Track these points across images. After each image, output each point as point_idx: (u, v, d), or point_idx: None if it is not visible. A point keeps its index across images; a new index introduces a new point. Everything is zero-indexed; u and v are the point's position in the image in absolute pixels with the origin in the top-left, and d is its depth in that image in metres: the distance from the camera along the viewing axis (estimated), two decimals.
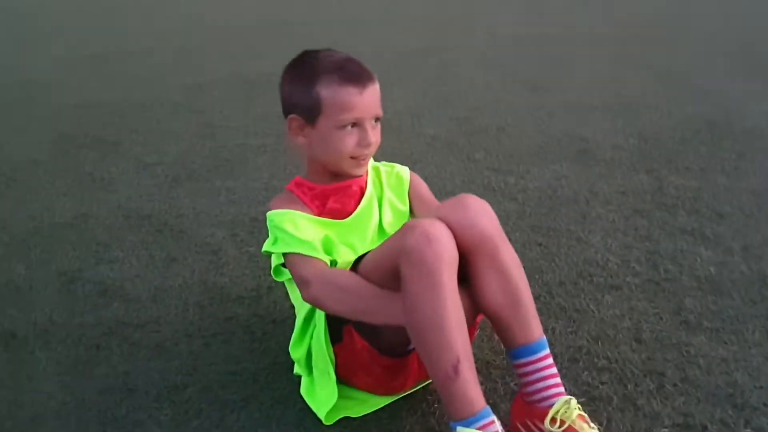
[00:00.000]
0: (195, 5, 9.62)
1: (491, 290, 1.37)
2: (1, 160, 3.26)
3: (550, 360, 1.39)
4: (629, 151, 3.01)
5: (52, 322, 1.91)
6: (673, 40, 5.42)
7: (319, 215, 1.54)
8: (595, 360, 1.64)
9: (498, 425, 1.26)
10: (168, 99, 4.26)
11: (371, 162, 1.63)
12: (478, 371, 1.31)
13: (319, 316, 1.51)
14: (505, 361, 1.62)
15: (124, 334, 1.84)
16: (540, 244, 2.22)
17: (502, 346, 1.45)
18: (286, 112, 1.54)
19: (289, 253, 1.48)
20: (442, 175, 2.82)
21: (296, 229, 1.48)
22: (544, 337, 1.40)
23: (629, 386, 1.54)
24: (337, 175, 1.56)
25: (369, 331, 1.43)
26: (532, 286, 1.44)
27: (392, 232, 1.50)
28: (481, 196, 1.42)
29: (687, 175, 2.72)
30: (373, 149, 1.52)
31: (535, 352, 1.37)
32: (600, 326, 1.77)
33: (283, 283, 1.64)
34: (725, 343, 1.68)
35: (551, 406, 1.33)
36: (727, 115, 3.41)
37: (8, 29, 7.86)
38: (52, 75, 5.12)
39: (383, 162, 1.69)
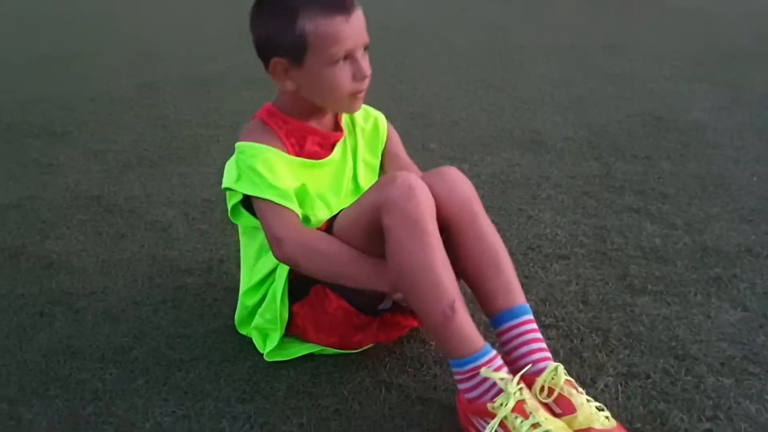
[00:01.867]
0: (145, 9, 9.55)
1: (472, 255, 1.36)
2: None
3: (535, 325, 1.35)
4: (579, 142, 3.07)
5: None
6: (619, 46, 5.57)
7: (296, 156, 1.44)
8: (543, 318, 1.66)
9: (501, 360, 1.25)
10: (119, 95, 4.20)
11: None
12: None
13: (281, 272, 1.47)
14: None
15: (68, 302, 1.80)
16: (492, 221, 2.25)
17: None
18: (266, 55, 1.39)
19: (259, 199, 1.37)
20: None
21: (270, 171, 1.37)
22: (527, 304, 1.37)
23: (575, 341, 1.57)
24: (319, 111, 1.46)
25: (347, 289, 1.40)
26: None
27: (366, 187, 1.47)
28: None
29: (634, 161, 2.79)
30: (368, 81, 1.41)
31: (517, 315, 1.35)
32: (548, 290, 1.80)
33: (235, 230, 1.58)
34: (668, 303, 1.72)
35: (537, 372, 1.27)
36: (672, 111, 3.51)
37: None
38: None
39: None
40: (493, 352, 1.26)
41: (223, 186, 1.44)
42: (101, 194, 2.55)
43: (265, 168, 1.37)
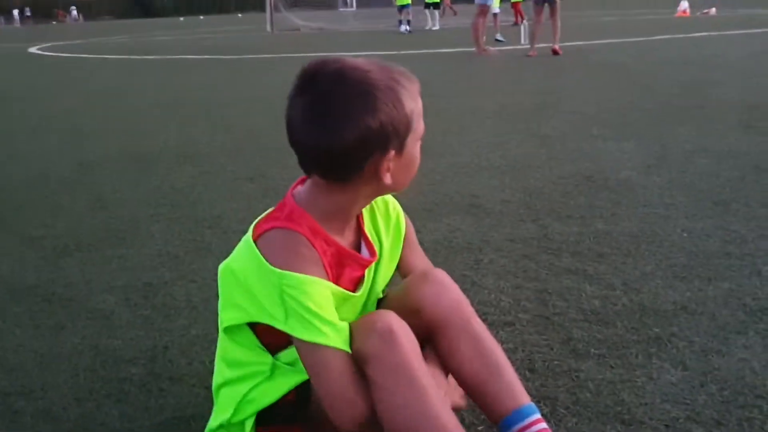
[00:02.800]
0: (77, 85, 9.50)
1: (468, 359, 1.30)
2: None
3: (545, 424, 1.28)
4: (516, 204, 3.16)
5: None
6: (549, 105, 5.79)
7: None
8: None
9: None
10: (56, 176, 4.15)
11: None
12: None
13: (250, 406, 1.32)
14: None
15: (6, 403, 1.73)
16: None
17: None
18: (370, 151, 1.17)
19: (318, 345, 1.19)
20: None
21: (328, 311, 1.20)
22: (533, 403, 1.30)
23: None
24: (350, 218, 1.30)
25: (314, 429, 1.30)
26: None
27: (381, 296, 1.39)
28: None
29: (569, 222, 2.87)
30: None
31: (527, 415, 1.27)
32: None
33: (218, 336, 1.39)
34: (612, 366, 1.76)
35: None
36: (602, 171, 3.65)
37: None
38: None
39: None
40: None
41: (275, 324, 1.21)
42: (38, 283, 2.48)
43: (324, 310, 1.20)
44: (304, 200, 1.27)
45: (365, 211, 1.36)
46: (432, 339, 1.32)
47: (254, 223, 1.30)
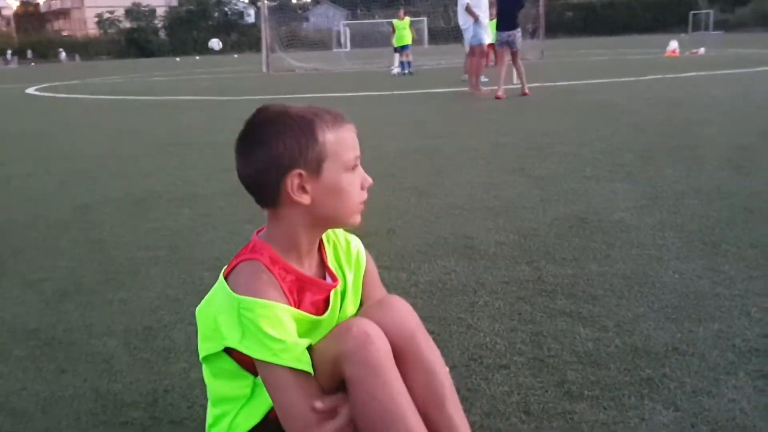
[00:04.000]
0: (74, 128, 9.59)
1: (415, 388, 1.36)
2: None
3: None
4: (510, 246, 3.21)
5: None
6: (541, 146, 5.88)
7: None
8: None
9: None
10: (55, 218, 4.19)
11: (324, 235, 1.50)
12: None
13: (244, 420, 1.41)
14: None
15: None
16: (432, 332, 2.27)
17: None
18: (278, 173, 1.33)
19: (270, 364, 1.30)
20: None
21: (283, 332, 1.30)
22: None
23: None
24: (314, 244, 1.43)
25: None
26: None
27: None
28: None
29: (563, 264, 2.92)
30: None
31: None
32: (491, 402, 1.85)
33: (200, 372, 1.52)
34: (605, 408, 1.79)
35: None
36: (596, 212, 3.71)
37: None
38: None
39: (333, 232, 1.53)
40: None
41: (226, 344, 1.34)
42: (39, 327, 2.51)
43: (279, 330, 1.30)
44: (264, 235, 1.43)
45: (328, 248, 1.50)
46: None
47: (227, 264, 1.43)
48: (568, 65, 19.24)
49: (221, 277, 1.40)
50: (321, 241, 1.48)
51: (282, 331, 1.30)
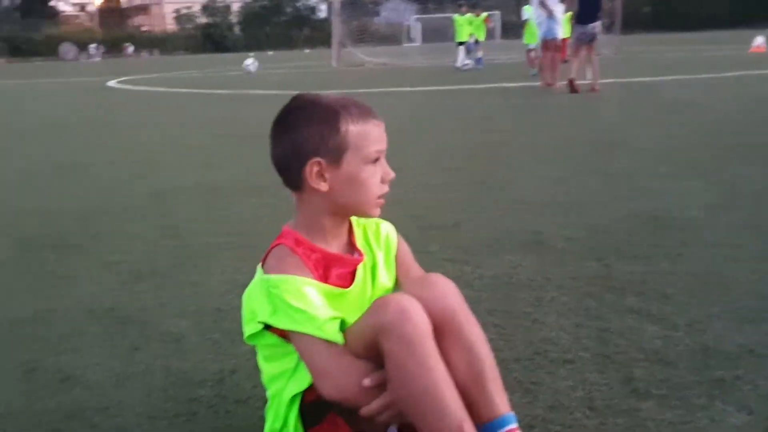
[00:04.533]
0: (153, 119, 9.90)
1: (456, 366, 1.36)
2: None
3: None
4: (580, 242, 3.15)
5: (9, 411, 1.89)
6: (616, 143, 5.75)
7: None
8: (550, 426, 1.68)
9: None
10: (131, 205, 4.34)
11: (356, 220, 1.56)
12: None
13: (295, 400, 1.45)
14: None
15: (84, 418, 1.83)
16: (497, 325, 2.30)
17: None
18: (300, 159, 1.41)
19: (300, 333, 1.37)
20: None
21: (307, 304, 1.37)
22: (513, 413, 1.39)
23: None
24: (340, 228, 1.50)
25: (354, 417, 1.39)
26: None
27: None
28: None
29: (634, 262, 2.85)
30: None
31: (500, 426, 1.36)
32: (555, 396, 1.83)
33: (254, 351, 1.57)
34: (672, 407, 1.74)
35: None
36: (669, 210, 3.60)
37: None
38: (16, 183, 5.18)
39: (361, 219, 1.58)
40: None
41: (259, 320, 1.42)
42: (114, 306, 2.61)
43: (302, 302, 1.37)
44: (292, 222, 1.51)
45: (357, 231, 1.55)
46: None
47: None
48: (644, 61, 18.71)
49: (259, 265, 1.50)
50: (351, 225, 1.54)
51: (305, 302, 1.37)
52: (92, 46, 61.04)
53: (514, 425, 1.37)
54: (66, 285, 2.88)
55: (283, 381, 1.48)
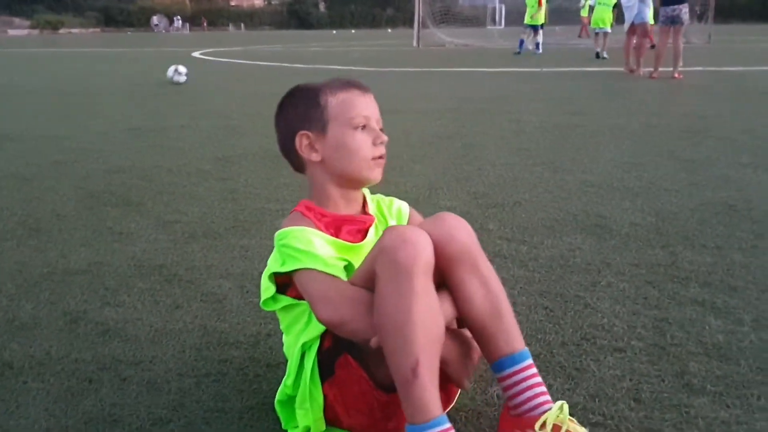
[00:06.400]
0: (229, 87, 10.03)
1: (475, 298, 1.39)
2: (28, 212, 3.37)
3: (535, 370, 1.39)
4: (646, 228, 2.98)
5: (49, 357, 1.92)
6: (697, 130, 5.45)
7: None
8: (590, 416, 1.57)
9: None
10: (196, 167, 4.39)
11: (370, 195, 1.65)
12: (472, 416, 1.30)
13: (309, 353, 1.48)
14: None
15: (117, 370, 1.83)
16: (546, 308, 2.19)
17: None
18: (291, 134, 1.54)
19: (301, 271, 1.40)
20: None
21: (308, 245, 1.42)
22: (527, 349, 1.41)
23: None
24: (349, 197, 1.56)
25: (366, 358, 1.40)
26: (532, 345, 1.52)
27: None
28: (491, 262, 1.46)
29: (703, 251, 2.67)
30: (385, 149, 1.54)
31: (519, 361, 1.39)
32: (599, 385, 1.71)
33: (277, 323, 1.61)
34: (728, 406, 1.60)
35: (539, 415, 1.32)
36: (747, 201, 3.37)
37: (60, 106, 8.27)
38: (90, 144, 5.33)
39: (380, 195, 1.68)
40: (447, 425, 1.26)
41: (267, 273, 1.49)
42: (164, 264, 2.62)
43: (304, 244, 1.42)
44: (307, 193, 1.59)
45: (371, 204, 1.62)
46: (444, 277, 1.39)
47: None
48: (737, 51, 17.77)
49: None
50: (365, 198, 1.62)
51: (310, 245, 1.41)
52: (176, 18, 62.79)
53: (529, 361, 1.40)
54: (122, 240, 2.92)
55: (297, 333, 1.50)
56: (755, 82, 9.91)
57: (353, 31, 55.90)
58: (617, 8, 14.67)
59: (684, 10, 10.23)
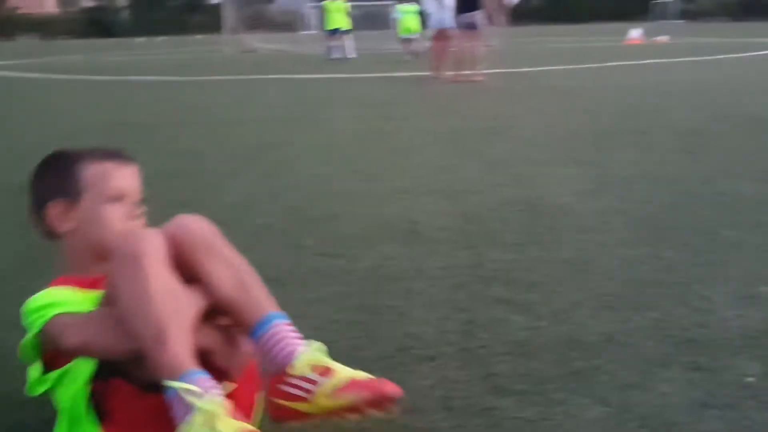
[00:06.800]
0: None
1: (220, 279, 1.42)
2: None
3: (289, 327, 1.43)
4: (454, 231, 3.11)
5: None
6: (497, 129, 5.80)
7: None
8: None
9: (209, 380, 1.27)
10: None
11: None
12: None
13: (78, 401, 1.37)
14: None
15: None
16: (362, 323, 2.20)
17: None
18: (43, 205, 1.53)
19: (49, 322, 1.35)
20: (269, 263, 2.73)
21: (53, 298, 1.40)
22: (283, 312, 1.45)
23: None
24: (106, 267, 1.47)
25: (132, 371, 1.34)
26: (349, 364, 1.48)
27: None
28: (308, 279, 1.55)
29: (505, 249, 2.83)
30: (143, 221, 1.57)
31: (270, 320, 1.42)
32: (413, 397, 1.73)
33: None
34: (531, 404, 1.69)
35: (292, 356, 1.39)
36: (542, 197, 3.62)
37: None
38: None
39: None
40: (202, 375, 1.27)
41: (23, 345, 1.40)
42: None
43: (46, 299, 1.40)
44: (61, 267, 1.57)
45: None
46: (190, 269, 1.41)
47: None
48: (531, 52, 19.25)
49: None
50: None
51: (52, 297, 1.40)
52: None
53: (279, 320, 1.43)
54: None
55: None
56: (547, 81, 10.77)
57: (161, 38, 53.76)
58: (423, 15, 15.45)
59: (478, 17, 10.88)
